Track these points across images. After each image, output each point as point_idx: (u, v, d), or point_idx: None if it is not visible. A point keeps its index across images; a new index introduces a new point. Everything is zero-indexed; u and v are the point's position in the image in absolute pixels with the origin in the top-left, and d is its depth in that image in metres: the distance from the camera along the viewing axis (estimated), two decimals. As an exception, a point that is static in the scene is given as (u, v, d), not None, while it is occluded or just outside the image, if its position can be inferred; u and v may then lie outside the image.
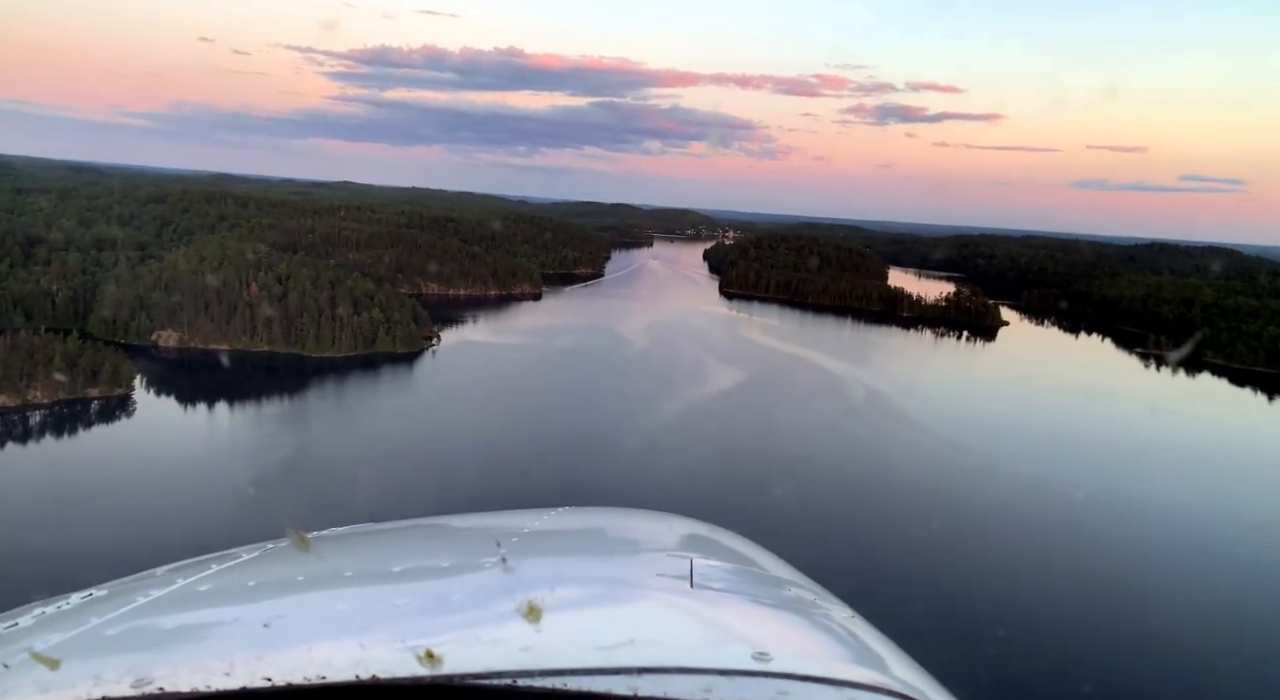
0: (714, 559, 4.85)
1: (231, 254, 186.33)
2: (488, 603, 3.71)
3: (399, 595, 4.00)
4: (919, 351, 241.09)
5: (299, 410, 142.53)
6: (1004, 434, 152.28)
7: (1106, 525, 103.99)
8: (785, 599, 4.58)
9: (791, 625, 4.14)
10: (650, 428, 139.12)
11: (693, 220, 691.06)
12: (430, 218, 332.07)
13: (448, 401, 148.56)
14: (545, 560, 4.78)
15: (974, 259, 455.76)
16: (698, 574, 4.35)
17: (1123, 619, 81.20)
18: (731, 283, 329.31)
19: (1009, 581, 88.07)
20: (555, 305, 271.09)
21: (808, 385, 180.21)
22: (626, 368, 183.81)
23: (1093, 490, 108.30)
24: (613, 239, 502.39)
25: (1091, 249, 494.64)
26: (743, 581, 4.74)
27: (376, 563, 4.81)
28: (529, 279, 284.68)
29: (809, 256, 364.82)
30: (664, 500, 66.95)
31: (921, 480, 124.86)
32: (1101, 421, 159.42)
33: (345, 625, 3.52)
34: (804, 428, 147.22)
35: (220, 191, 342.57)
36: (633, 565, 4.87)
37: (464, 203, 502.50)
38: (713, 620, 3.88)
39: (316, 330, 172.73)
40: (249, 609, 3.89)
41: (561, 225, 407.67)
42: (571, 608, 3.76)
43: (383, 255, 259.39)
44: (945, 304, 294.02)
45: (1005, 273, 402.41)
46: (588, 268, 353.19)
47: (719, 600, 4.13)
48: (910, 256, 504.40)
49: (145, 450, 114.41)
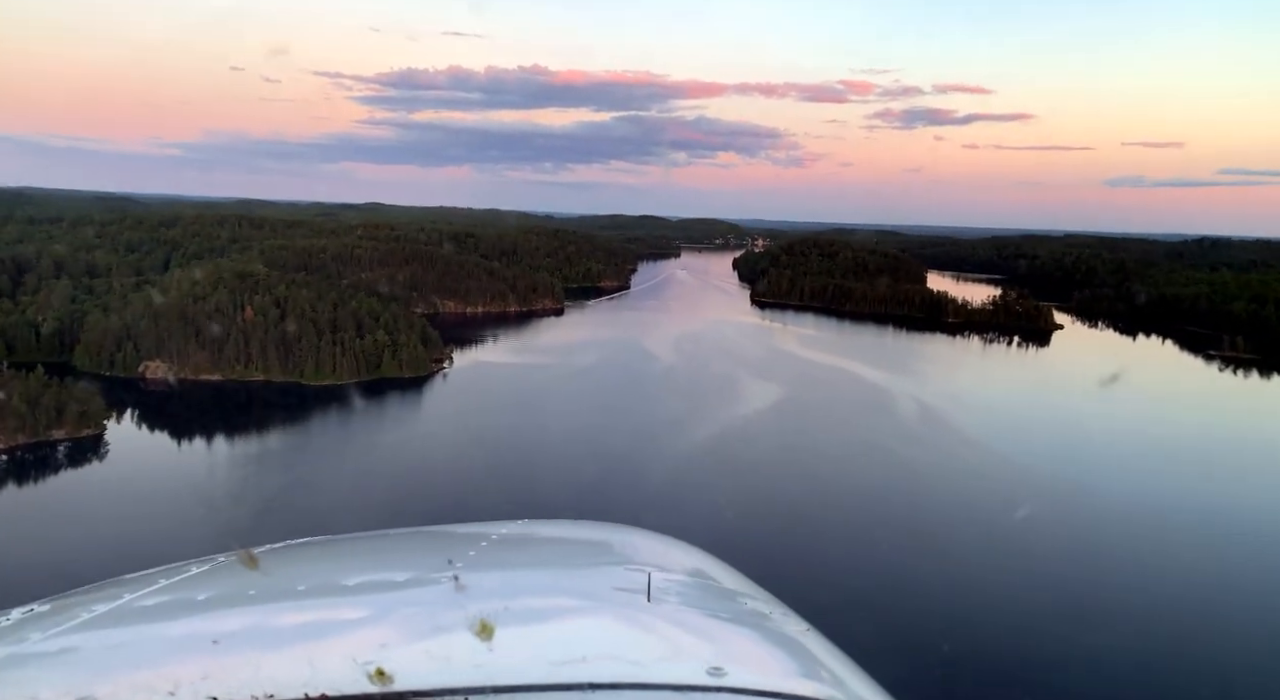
0: (672, 573, 4.82)
1: (227, 277, 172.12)
2: (440, 618, 3.60)
3: (350, 610, 3.97)
4: (970, 360, 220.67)
5: (286, 448, 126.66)
6: (1084, 455, 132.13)
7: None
8: (742, 613, 4.52)
9: (747, 640, 4.08)
10: (678, 456, 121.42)
11: (721, 230, 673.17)
12: (450, 234, 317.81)
13: (450, 432, 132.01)
14: (499, 574, 4.68)
15: (1015, 260, 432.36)
16: (655, 588, 4.31)
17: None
18: (763, 291, 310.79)
19: (1137, 656, 68.98)
20: (578, 320, 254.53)
21: (852, 401, 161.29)
22: (652, 387, 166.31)
23: (1225, 523, 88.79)
24: (639, 251, 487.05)
25: (1137, 247, 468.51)
26: (700, 596, 4.70)
27: (327, 577, 4.68)
28: (550, 293, 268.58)
29: (843, 261, 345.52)
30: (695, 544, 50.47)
31: (993, 517, 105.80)
32: (1194, 436, 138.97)
33: (294, 641, 3.44)
34: (851, 452, 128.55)
35: (236, 215, 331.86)
36: (590, 579, 4.79)
37: (489, 220, 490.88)
38: (669, 635, 3.83)
39: (315, 356, 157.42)
40: (195, 625, 3.82)
41: (586, 237, 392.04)
42: (525, 623, 3.71)
43: (397, 273, 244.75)
44: (993, 308, 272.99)
45: (1050, 274, 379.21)
46: (613, 280, 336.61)
47: (676, 615, 4.10)
48: (946, 260, 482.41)
49: (102, 503, 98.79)
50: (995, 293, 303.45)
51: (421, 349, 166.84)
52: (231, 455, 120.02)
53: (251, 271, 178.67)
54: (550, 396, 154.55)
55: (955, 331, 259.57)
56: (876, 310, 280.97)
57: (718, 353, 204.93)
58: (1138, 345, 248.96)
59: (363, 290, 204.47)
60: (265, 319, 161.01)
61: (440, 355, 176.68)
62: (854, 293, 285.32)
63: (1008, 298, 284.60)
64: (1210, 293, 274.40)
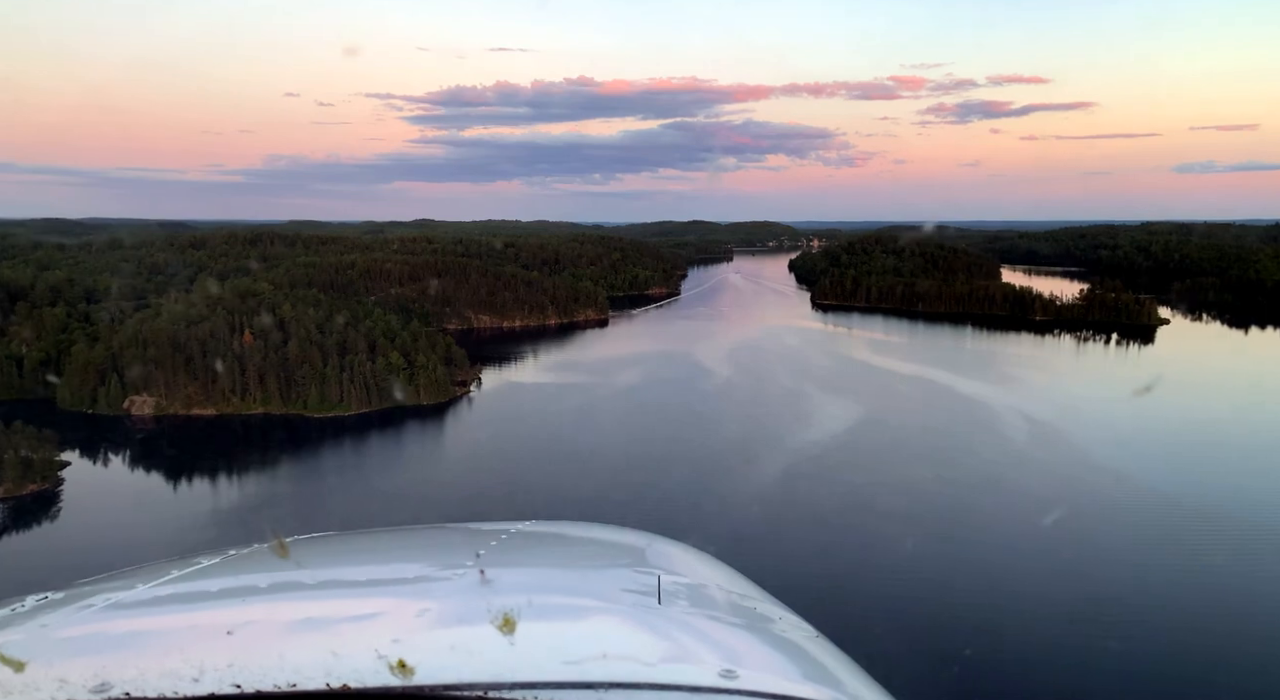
0: (681, 576, 4.80)
1: (228, 298, 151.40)
2: (462, 613, 3.58)
3: (372, 603, 3.94)
4: (1071, 363, 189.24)
5: (272, 497, 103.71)
6: (1248, 481, 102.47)
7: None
8: (751, 617, 4.49)
9: (757, 643, 4.07)
10: (739, 501, 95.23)
11: (774, 232, 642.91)
12: (488, 245, 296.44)
13: (458, 477, 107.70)
14: (519, 572, 4.66)
15: (1095, 251, 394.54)
16: (665, 591, 4.29)
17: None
18: (825, 293, 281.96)
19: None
20: (623, 331, 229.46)
21: (945, 419, 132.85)
22: (707, 408, 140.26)
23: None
24: (690, 256, 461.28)
25: (1223, 232, 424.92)
26: (709, 599, 4.67)
27: (349, 570, 4.68)
28: (594, 303, 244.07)
29: (909, 258, 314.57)
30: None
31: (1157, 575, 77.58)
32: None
33: (317, 632, 3.40)
34: (957, 489, 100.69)
35: (268, 232, 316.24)
36: (603, 580, 4.73)
37: (536, 231, 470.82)
38: (680, 637, 3.82)
39: (320, 384, 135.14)
40: (216, 613, 3.79)
41: (633, 244, 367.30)
42: (544, 620, 3.68)
43: (428, 287, 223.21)
44: (1085, 303, 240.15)
45: (1136, 263, 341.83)
46: (662, 287, 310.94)
47: (686, 617, 4.10)
48: (1015, 254, 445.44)
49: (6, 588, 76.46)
50: (1083, 287, 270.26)
51: (442, 371, 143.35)
52: (198, 510, 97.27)
53: (256, 290, 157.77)
54: (587, 425, 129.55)
55: (1044, 330, 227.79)
56: (952, 310, 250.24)
57: (780, 364, 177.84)
58: (1265, 341, 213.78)
59: (382, 306, 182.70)
60: (266, 343, 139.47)
61: (466, 377, 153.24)
62: (927, 292, 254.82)
63: (1101, 291, 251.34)
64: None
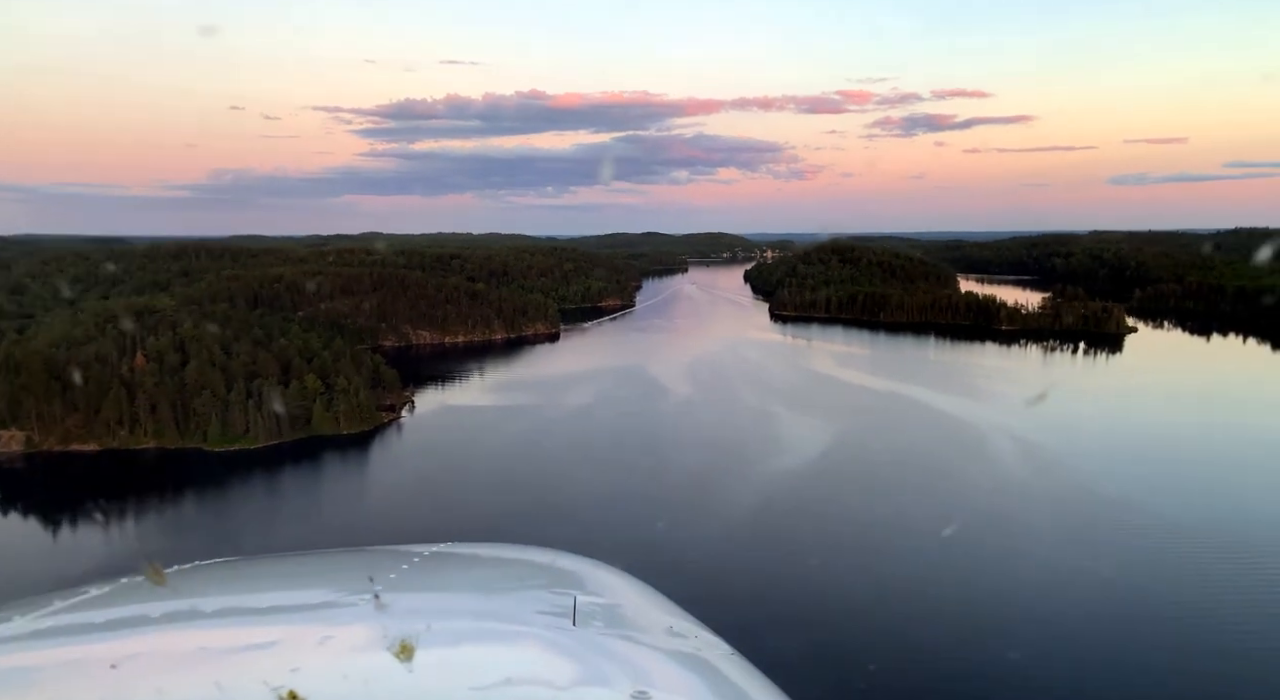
0: (598, 596, 4.68)
1: (121, 315, 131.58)
2: (358, 641, 3.46)
3: (263, 632, 3.78)
4: (1047, 374, 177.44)
5: (145, 543, 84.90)
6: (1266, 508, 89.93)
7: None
8: (667, 637, 4.39)
9: (672, 663, 4.04)
10: (707, 543, 79.56)
11: (727, 243, 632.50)
12: (432, 256, 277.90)
13: (380, 516, 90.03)
14: (422, 596, 4.53)
15: (1049, 259, 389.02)
16: (581, 611, 4.23)
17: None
18: (783, 304, 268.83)
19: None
20: (575, 346, 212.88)
21: (927, 440, 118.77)
22: (666, 432, 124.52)
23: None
24: (644, 267, 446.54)
25: (1168, 240, 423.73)
26: (625, 619, 4.55)
27: (244, 598, 4.54)
28: (544, 317, 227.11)
29: (866, 267, 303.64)
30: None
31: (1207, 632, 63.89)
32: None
33: (203, 664, 3.25)
34: (955, 526, 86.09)
35: (196, 246, 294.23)
36: (515, 602, 4.61)
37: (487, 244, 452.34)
38: (593, 659, 3.75)
39: (223, 414, 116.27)
40: (94, 648, 3.63)
41: (585, 254, 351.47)
42: (447, 645, 3.56)
43: (363, 302, 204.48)
44: (1052, 312, 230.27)
45: (1092, 271, 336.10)
46: (616, 299, 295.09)
47: (600, 638, 4.03)
48: (968, 263, 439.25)
49: None
50: (1045, 295, 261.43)
51: (366, 395, 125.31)
52: (54, 568, 78.17)
53: (156, 306, 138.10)
54: (531, 454, 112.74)
55: (1010, 340, 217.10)
56: (915, 320, 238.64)
57: (742, 380, 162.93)
58: (1239, 349, 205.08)
59: (309, 323, 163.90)
60: (161, 367, 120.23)
61: (395, 401, 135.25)
62: (889, 300, 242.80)
63: (1064, 300, 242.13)
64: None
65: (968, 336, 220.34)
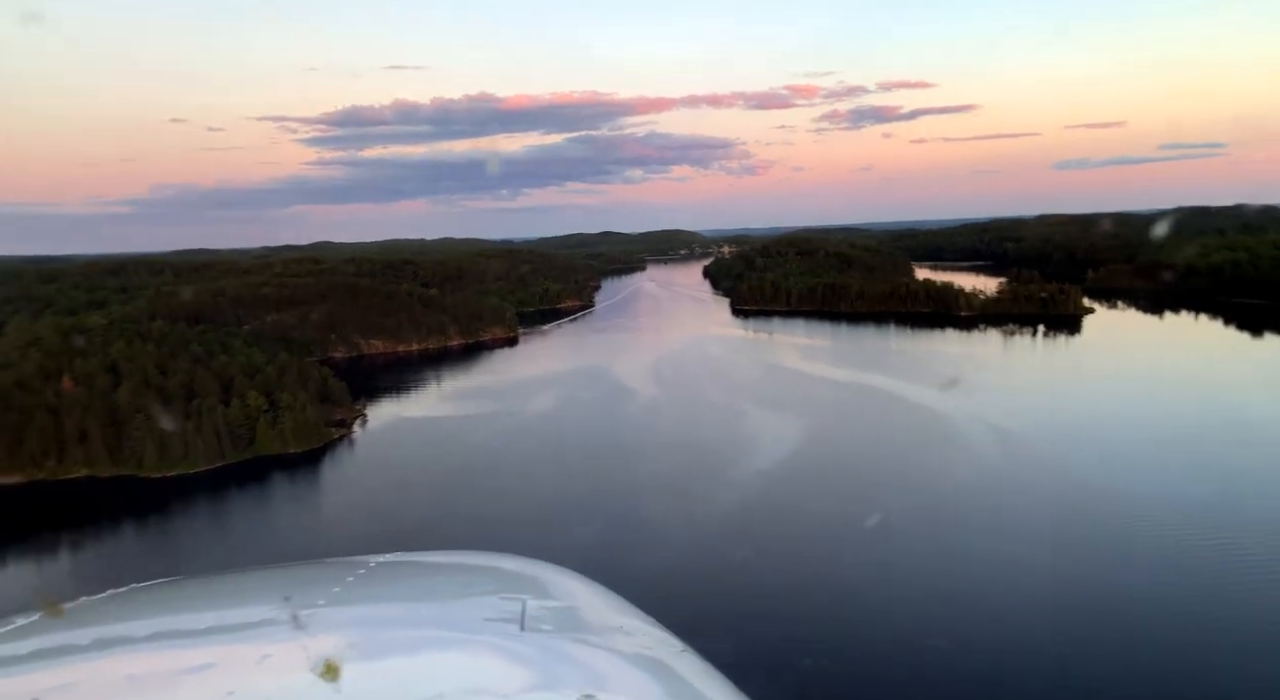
0: (548, 600, 4.57)
1: (48, 337, 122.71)
2: (294, 658, 3.26)
3: (193, 655, 3.61)
4: (1013, 359, 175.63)
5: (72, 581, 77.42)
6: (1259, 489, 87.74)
7: None
8: (618, 637, 4.30)
9: (622, 664, 3.98)
10: (683, 555, 74.67)
11: (684, 240, 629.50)
12: (384, 263, 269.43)
13: (330, 544, 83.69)
14: (366, 608, 4.37)
15: (1001, 244, 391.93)
16: (530, 616, 4.15)
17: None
18: (744, 298, 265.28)
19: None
20: (535, 350, 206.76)
21: (904, 433, 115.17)
22: (633, 435, 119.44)
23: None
24: (603, 267, 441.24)
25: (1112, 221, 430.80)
26: (576, 621, 4.45)
27: (173, 621, 4.34)
28: (501, 321, 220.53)
29: (823, 259, 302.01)
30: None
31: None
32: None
33: (129, 692, 3.13)
34: (943, 516, 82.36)
35: (135, 262, 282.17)
36: (462, 609, 4.50)
37: (441, 249, 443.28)
38: (541, 663, 3.70)
39: (157, 438, 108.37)
40: (16, 681, 3.48)
41: (541, 256, 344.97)
42: (389, 656, 3.49)
43: (311, 312, 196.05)
44: (1010, 296, 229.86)
45: (1046, 255, 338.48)
46: (574, 299, 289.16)
47: (550, 642, 3.96)
48: (921, 251, 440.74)
49: None
50: (1001, 280, 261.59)
51: (313, 411, 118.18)
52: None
53: (87, 325, 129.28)
54: (492, 466, 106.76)
55: (970, 326, 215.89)
56: (876, 309, 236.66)
57: (708, 378, 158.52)
58: (1196, 326, 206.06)
59: (255, 337, 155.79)
60: (91, 390, 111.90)
61: (346, 415, 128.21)
62: (849, 291, 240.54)
63: (1019, 283, 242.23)
64: (1246, 259, 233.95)
65: (929, 324, 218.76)
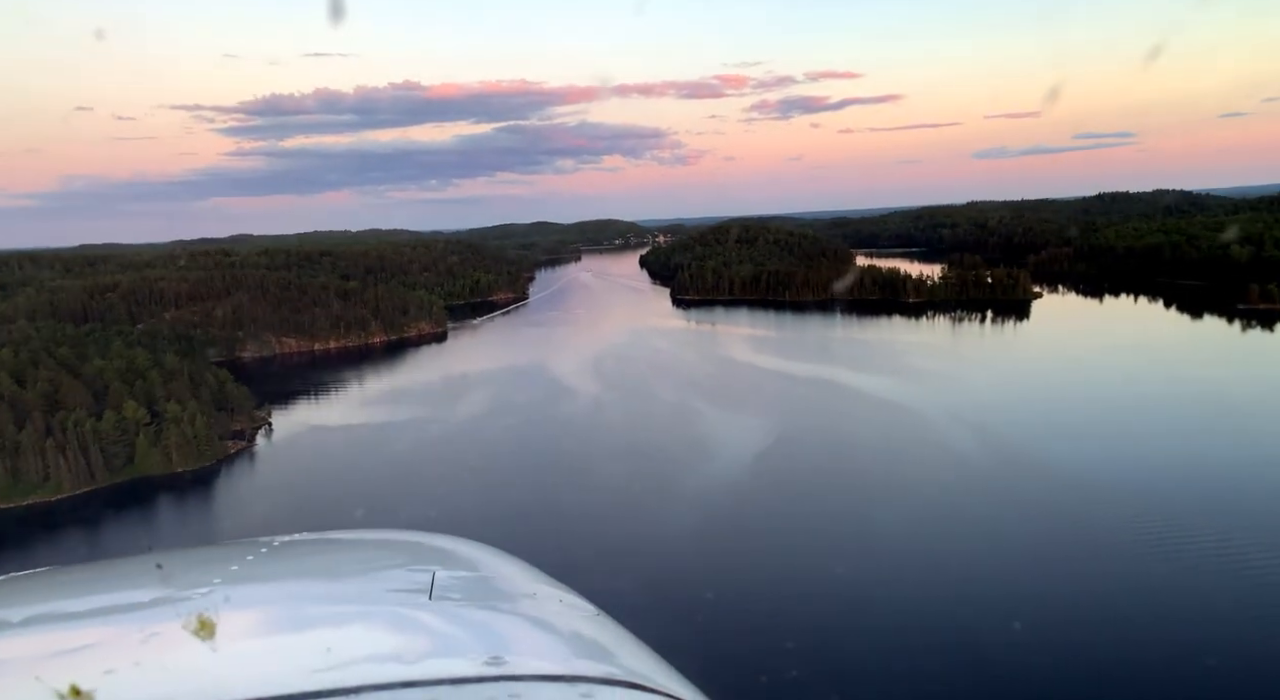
0: (459, 570, 4.56)
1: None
2: (162, 640, 3.07)
3: (45, 643, 3.47)
4: (967, 347, 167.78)
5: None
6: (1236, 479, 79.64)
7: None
8: (528, 604, 4.31)
9: (532, 628, 3.96)
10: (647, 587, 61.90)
11: (619, 229, 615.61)
12: (300, 255, 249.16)
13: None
14: (266, 587, 4.16)
15: (935, 231, 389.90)
16: (439, 587, 4.12)
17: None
18: (685, 288, 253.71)
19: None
20: (465, 345, 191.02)
21: (870, 429, 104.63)
22: (576, 442, 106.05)
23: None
24: (537, 258, 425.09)
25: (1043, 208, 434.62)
26: (486, 590, 4.47)
27: (23, 612, 4.05)
28: (428, 315, 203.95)
29: (763, 247, 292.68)
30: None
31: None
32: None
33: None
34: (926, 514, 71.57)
35: (19, 256, 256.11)
36: (367, 583, 4.47)
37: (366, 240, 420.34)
38: (447, 630, 3.67)
39: (13, 458, 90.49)
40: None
41: (471, 247, 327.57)
42: (288, 631, 3.45)
43: (215, 308, 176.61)
44: (957, 282, 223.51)
45: (982, 240, 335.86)
46: (507, 291, 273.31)
47: (457, 610, 3.94)
48: (856, 239, 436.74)
49: None
50: (944, 266, 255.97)
51: (203, 422, 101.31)
52: None
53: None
54: (411, 486, 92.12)
55: (918, 313, 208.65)
56: (821, 297, 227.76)
57: (653, 373, 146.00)
58: (1142, 309, 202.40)
59: (141, 338, 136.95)
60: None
61: (246, 425, 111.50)
62: (794, 279, 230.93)
63: (962, 268, 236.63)
64: (1183, 241, 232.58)
65: (875, 311, 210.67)
